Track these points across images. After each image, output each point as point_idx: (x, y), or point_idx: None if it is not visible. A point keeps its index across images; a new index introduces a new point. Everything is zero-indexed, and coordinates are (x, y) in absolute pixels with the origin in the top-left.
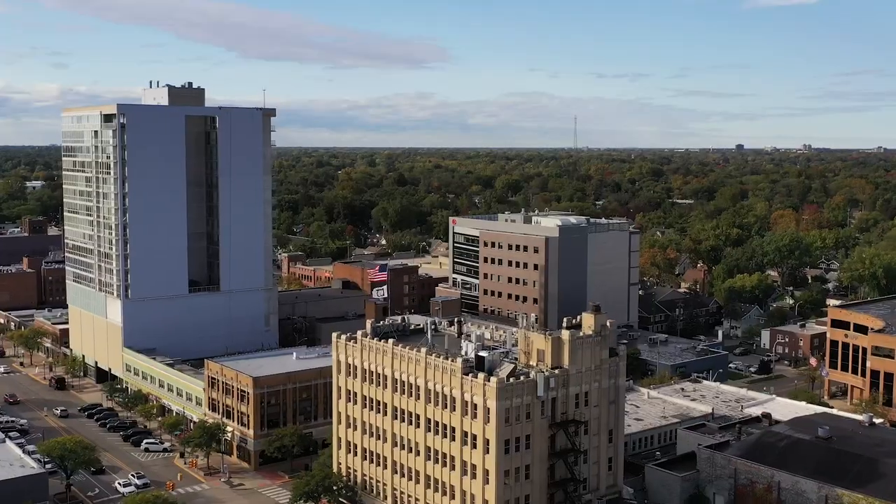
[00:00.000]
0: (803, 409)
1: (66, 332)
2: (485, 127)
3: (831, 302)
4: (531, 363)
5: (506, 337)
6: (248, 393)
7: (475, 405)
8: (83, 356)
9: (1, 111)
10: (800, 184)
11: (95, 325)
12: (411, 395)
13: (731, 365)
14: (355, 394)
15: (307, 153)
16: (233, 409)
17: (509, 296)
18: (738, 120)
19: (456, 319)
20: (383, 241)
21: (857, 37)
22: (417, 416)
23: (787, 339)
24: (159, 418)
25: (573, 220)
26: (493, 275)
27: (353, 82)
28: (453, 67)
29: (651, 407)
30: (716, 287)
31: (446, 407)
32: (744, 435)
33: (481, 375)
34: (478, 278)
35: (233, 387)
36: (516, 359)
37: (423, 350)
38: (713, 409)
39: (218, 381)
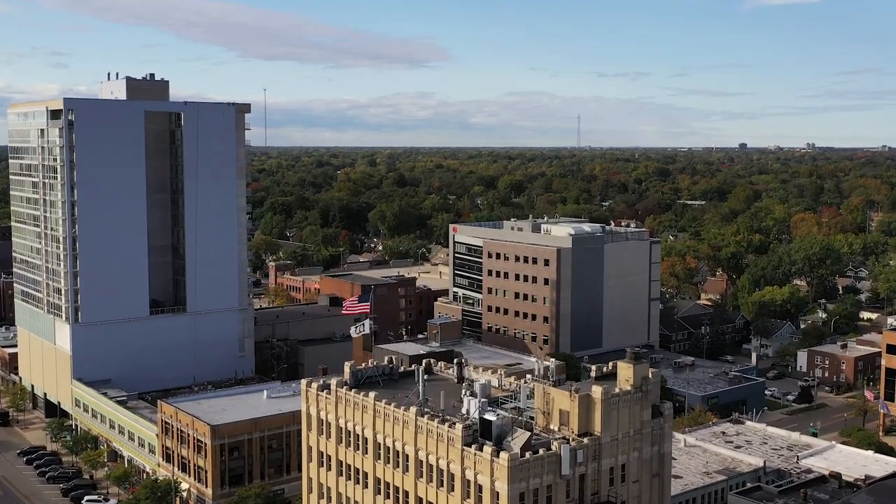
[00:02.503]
0: (872, 461)
1: (15, 357)
2: (486, 126)
3: (866, 315)
4: (552, 427)
5: (518, 388)
6: (205, 444)
7: (479, 486)
8: (32, 386)
9: (1, 111)
10: (812, 184)
11: (44, 351)
12: (398, 466)
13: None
14: (329, 457)
15: (307, 153)
16: (189, 461)
17: (516, 313)
18: (738, 119)
19: (456, 361)
20: (380, 247)
21: (858, 36)
22: (406, 494)
23: (827, 362)
24: (109, 464)
25: (587, 227)
26: (499, 290)
27: (354, 82)
28: (453, 67)
29: (689, 459)
30: (741, 300)
31: (442, 485)
32: (810, 502)
33: (488, 448)
34: (481, 293)
35: (188, 435)
36: (532, 419)
37: (414, 409)
38: (765, 462)
39: (172, 426)
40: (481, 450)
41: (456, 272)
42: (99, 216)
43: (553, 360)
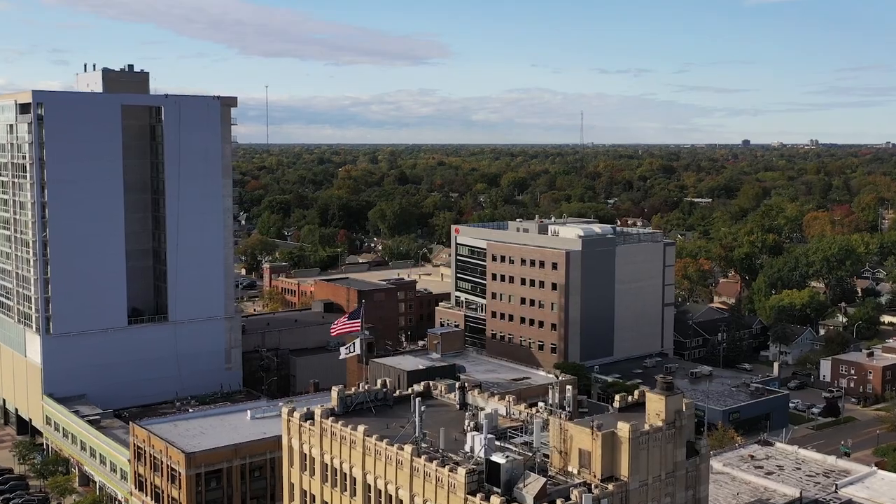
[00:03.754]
0: None
1: None
2: (488, 123)
3: (887, 319)
4: (570, 469)
5: (530, 418)
6: (179, 473)
7: None
8: (3, 401)
9: None
10: (820, 181)
11: (15, 363)
12: None
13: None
14: (312, 497)
15: (309, 150)
16: (162, 491)
17: (522, 320)
18: (741, 115)
19: (458, 385)
20: (380, 247)
21: (862, 32)
22: None
23: (852, 371)
24: (80, 489)
25: (597, 228)
26: (503, 294)
27: (355, 79)
28: (454, 63)
29: (718, 489)
30: (757, 304)
31: None
32: None
33: (496, 500)
34: (484, 298)
35: (162, 462)
36: (546, 457)
37: (409, 449)
38: (801, 493)
39: (145, 451)
40: (488, 500)
41: (458, 275)
42: (71, 218)
43: (560, 372)
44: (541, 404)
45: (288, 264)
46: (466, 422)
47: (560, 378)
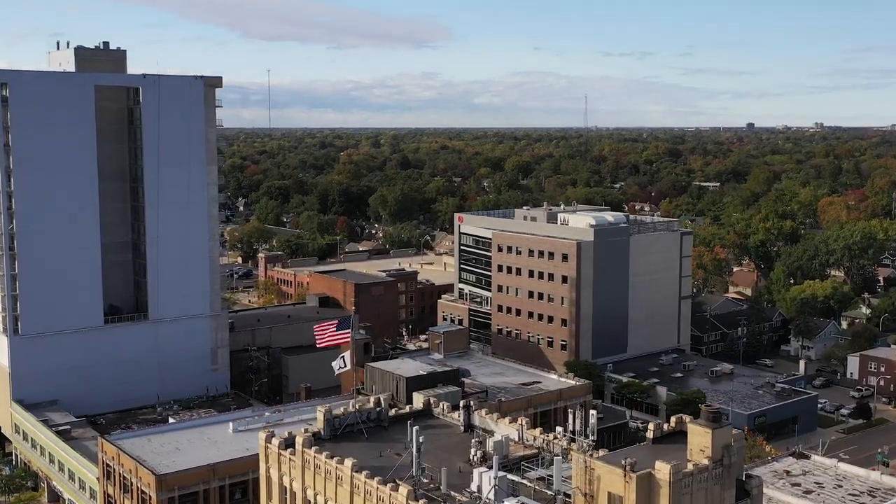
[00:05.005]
0: None
1: None
2: (491, 106)
3: None
4: None
5: (547, 445)
6: (149, 497)
7: None
8: None
9: None
10: (829, 164)
11: None
12: None
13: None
14: None
15: (311, 134)
16: None
17: (530, 315)
18: (746, 98)
19: (462, 405)
20: (380, 234)
21: (867, 13)
22: None
23: (882, 368)
24: None
25: (609, 217)
26: (510, 287)
27: (357, 62)
28: (457, 46)
29: None
30: (776, 295)
31: None
32: None
33: None
34: (490, 290)
35: (132, 484)
36: (568, 498)
37: (405, 491)
38: None
39: (115, 470)
40: None
41: (462, 266)
42: (41, 208)
43: (574, 376)
44: (559, 429)
45: (284, 254)
46: (473, 451)
47: (575, 382)
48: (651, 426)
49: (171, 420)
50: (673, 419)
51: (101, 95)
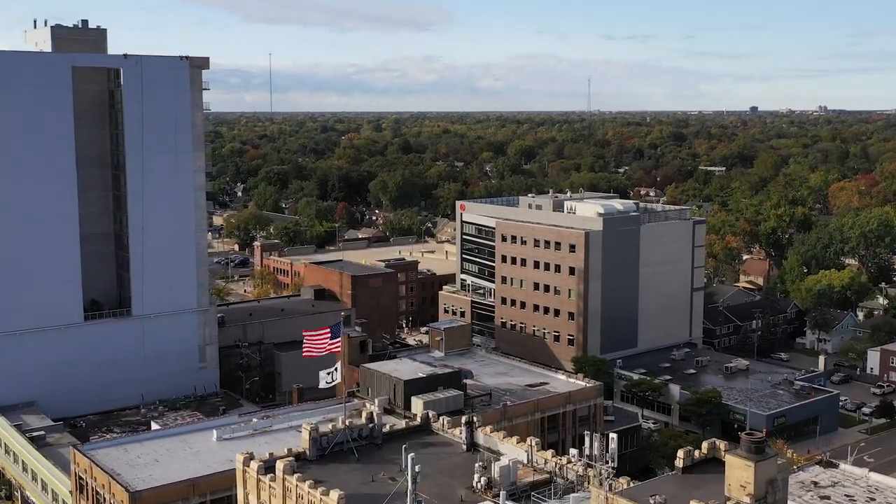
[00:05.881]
0: None
1: None
2: (493, 90)
3: None
4: None
5: (560, 471)
6: None
7: None
8: None
9: None
10: (836, 148)
11: None
12: None
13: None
14: None
15: (313, 118)
16: None
17: (535, 308)
18: (749, 81)
19: (464, 420)
20: (381, 221)
21: None
22: None
23: None
24: None
25: (618, 205)
26: (514, 279)
27: (359, 45)
28: (458, 29)
29: None
30: (790, 285)
31: None
32: None
33: None
34: (493, 282)
35: (105, 500)
36: None
37: None
38: None
39: (87, 484)
40: None
41: (464, 256)
42: (14, 198)
43: (585, 377)
44: (573, 451)
45: (280, 242)
46: (476, 476)
47: (585, 383)
48: (680, 454)
49: (153, 425)
50: (705, 445)
51: (79, 77)
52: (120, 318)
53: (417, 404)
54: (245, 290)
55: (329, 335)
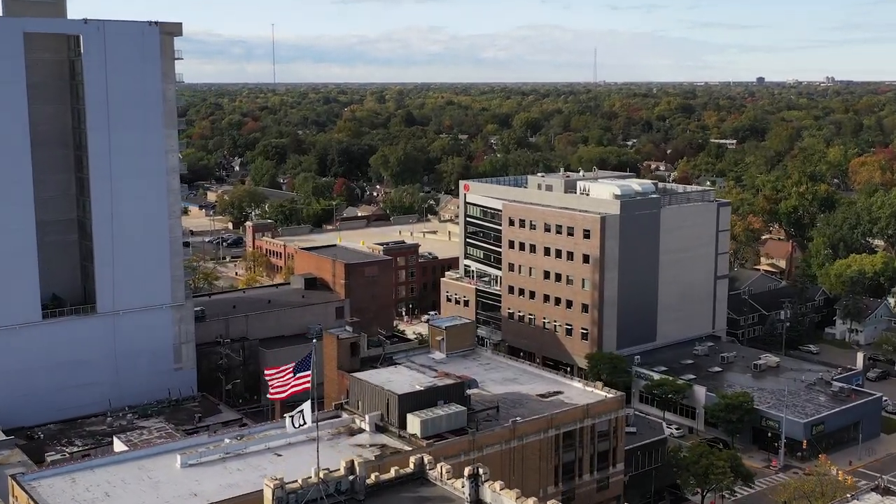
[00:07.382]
0: None
1: None
2: (497, 61)
3: None
4: None
5: None
6: None
7: None
8: None
9: None
10: (849, 120)
11: None
12: None
13: None
14: None
15: (315, 89)
16: None
17: (546, 298)
18: (755, 52)
19: (468, 474)
20: (381, 197)
21: None
22: None
23: None
24: None
25: (636, 185)
26: (523, 266)
27: (362, 16)
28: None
29: None
30: (816, 269)
31: None
32: None
33: None
34: (500, 268)
35: None
36: None
37: None
38: None
39: None
40: None
41: (468, 240)
42: None
43: (603, 386)
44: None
45: (274, 221)
46: None
47: (605, 394)
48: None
49: (115, 442)
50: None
51: (34, 45)
52: (84, 316)
53: (414, 423)
54: (236, 274)
55: (291, 370)
